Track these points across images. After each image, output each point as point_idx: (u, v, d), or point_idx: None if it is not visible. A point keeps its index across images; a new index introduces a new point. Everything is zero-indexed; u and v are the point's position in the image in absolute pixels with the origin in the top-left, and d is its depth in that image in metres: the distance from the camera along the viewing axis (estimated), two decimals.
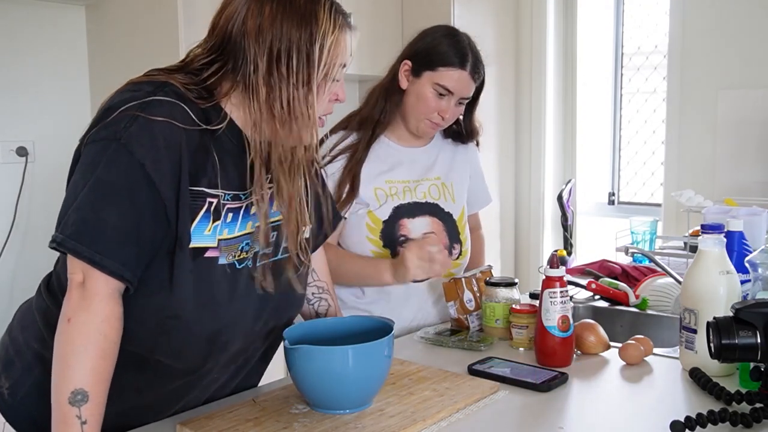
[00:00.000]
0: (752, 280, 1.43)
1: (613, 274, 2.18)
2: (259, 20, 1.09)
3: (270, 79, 1.09)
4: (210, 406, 1.28)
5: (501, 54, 3.93)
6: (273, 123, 1.11)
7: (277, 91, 1.09)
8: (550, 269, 1.45)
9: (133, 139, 1.04)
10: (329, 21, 1.11)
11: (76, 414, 1.03)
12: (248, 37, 1.09)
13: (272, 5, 1.09)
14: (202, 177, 1.10)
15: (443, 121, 1.73)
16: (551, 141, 4.06)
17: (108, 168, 1.04)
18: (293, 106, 1.10)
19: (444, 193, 1.80)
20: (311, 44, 1.09)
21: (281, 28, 1.08)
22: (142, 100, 1.07)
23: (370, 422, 1.15)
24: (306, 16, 1.10)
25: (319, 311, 1.46)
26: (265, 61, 1.09)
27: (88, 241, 1.03)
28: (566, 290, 1.44)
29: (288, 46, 1.09)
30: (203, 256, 1.12)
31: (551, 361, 1.43)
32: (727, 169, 3.40)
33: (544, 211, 4.08)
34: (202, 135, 1.11)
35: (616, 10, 4.03)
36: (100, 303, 1.04)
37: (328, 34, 1.11)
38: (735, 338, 1.16)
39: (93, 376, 1.04)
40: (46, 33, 2.81)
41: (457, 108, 1.73)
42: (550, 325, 1.43)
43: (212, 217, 1.12)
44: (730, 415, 1.10)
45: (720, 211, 2.19)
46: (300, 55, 1.09)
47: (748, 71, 3.32)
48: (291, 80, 1.09)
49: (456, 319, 1.71)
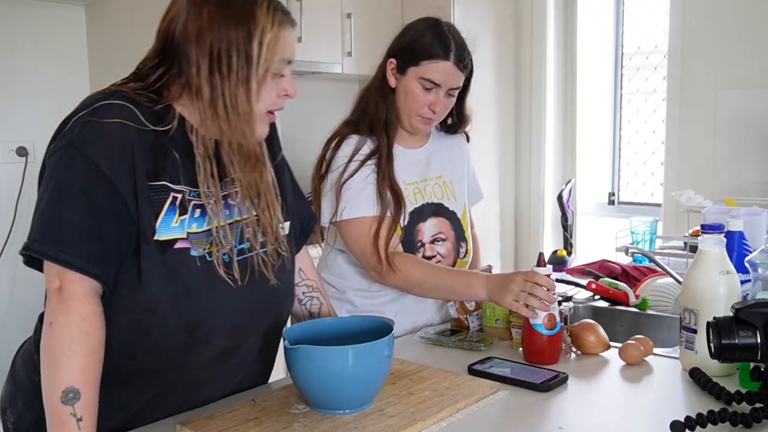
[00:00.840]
0: (752, 280, 1.43)
1: (613, 274, 2.18)
2: (199, 23, 1.13)
3: (212, 79, 1.13)
4: (210, 406, 1.28)
5: (501, 54, 3.93)
6: (218, 121, 1.15)
7: (219, 90, 1.13)
8: (537, 267, 1.46)
9: (85, 142, 1.09)
10: (267, 19, 1.14)
11: (70, 412, 1.05)
12: (189, 40, 1.13)
13: (210, 8, 1.13)
14: (163, 173, 1.14)
15: (434, 115, 1.68)
16: (551, 141, 4.06)
17: (65, 172, 1.09)
18: (236, 104, 1.14)
19: (446, 192, 1.78)
20: (249, 43, 1.13)
21: (220, 30, 1.12)
22: (92, 107, 1.12)
23: (370, 422, 1.15)
24: (243, 15, 1.13)
25: (312, 310, 1.47)
26: (206, 62, 1.13)
27: (51, 241, 1.07)
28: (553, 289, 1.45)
29: (227, 46, 1.12)
30: (173, 248, 1.15)
31: (539, 359, 1.44)
32: (727, 169, 3.40)
33: (544, 211, 4.08)
34: (156, 135, 1.15)
35: (616, 10, 4.03)
36: (77, 303, 1.08)
37: (266, 32, 1.14)
38: (735, 338, 1.16)
39: (82, 374, 1.06)
40: (46, 33, 2.81)
41: (447, 100, 1.68)
42: (537, 323, 1.44)
43: (178, 210, 1.15)
44: (730, 415, 1.10)
45: (720, 211, 2.19)
46: (239, 54, 1.13)
47: (748, 71, 3.32)
48: (231, 79, 1.13)
49: (456, 319, 1.71)
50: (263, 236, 1.26)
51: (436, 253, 1.73)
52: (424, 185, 1.74)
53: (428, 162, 1.78)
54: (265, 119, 1.21)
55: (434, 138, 1.82)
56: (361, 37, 3.31)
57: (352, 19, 3.35)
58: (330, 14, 3.30)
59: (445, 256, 1.74)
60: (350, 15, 3.35)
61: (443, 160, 1.81)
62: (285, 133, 3.69)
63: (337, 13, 3.33)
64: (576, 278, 2.15)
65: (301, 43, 3.11)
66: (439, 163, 1.80)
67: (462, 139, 1.88)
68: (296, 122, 3.58)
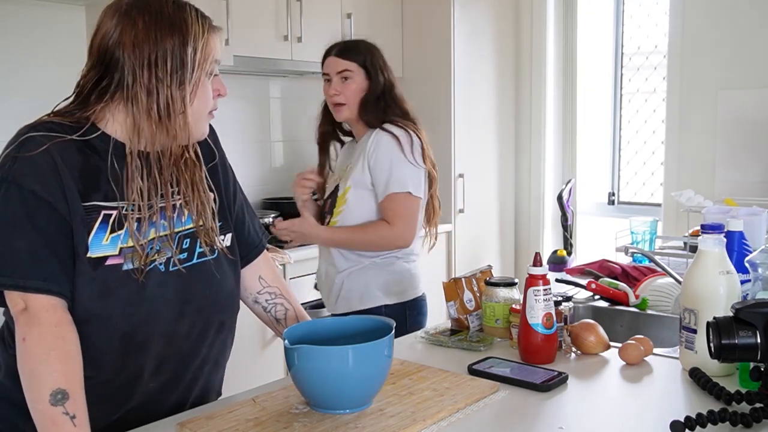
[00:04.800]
0: (752, 280, 1.43)
1: (613, 274, 2.18)
2: (134, 34, 1.19)
3: (149, 85, 1.19)
4: (210, 406, 1.28)
5: (501, 54, 3.93)
6: (151, 125, 1.20)
7: (155, 95, 1.19)
8: (533, 267, 1.46)
9: (18, 174, 1.15)
10: (198, 25, 1.22)
11: (62, 411, 1.06)
12: (125, 50, 1.19)
13: (144, 19, 1.19)
14: (94, 193, 1.19)
15: (336, 98, 2.12)
16: (551, 141, 4.06)
17: (5, 206, 1.15)
18: (171, 107, 1.20)
19: (346, 175, 2.16)
20: (184, 48, 1.20)
21: (156, 38, 1.19)
22: (18, 141, 1.18)
23: (370, 422, 1.15)
24: (176, 24, 1.20)
25: (278, 317, 1.49)
26: (143, 69, 1.19)
27: (8, 272, 1.13)
28: (549, 288, 1.46)
29: (163, 53, 1.19)
30: (104, 264, 1.19)
31: (535, 359, 1.44)
32: (727, 169, 3.40)
33: (544, 211, 4.08)
34: (85, 157, 1.20)
35: (616, 10, 4.03)
36: (46, 314, 1.12)
37: (198, 37, 1.22)
38: (735, 338, 1.16)
39: (66, 377, 1.09)
40: (46, 33, 2.81)
41: (342, 85, 2.12)
42: (535, 323, 1.44)
43: (110, 228, 1.20)
44: (730, 415, 1.10)
45: (720, 211, 2.19)
46: (174, 59, 1.20)
47: (748, 71, 3.32)
48: (167, 83, 1.19)
49: (456, 319, 1.71)
50: (203, 245, 1.30)
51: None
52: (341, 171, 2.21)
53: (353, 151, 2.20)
54: (206, 119, 1.28)
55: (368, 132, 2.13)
56: (361, 37, 3.31)
57: (352, 19, 3.35)
58: (330, 14, 3.30)
59: None
60: (350, 15, 3.35)
61: (358, 150, 2.16)
62: (285, 133, 3.70)
63: (337, 13, 3.33)
64: (576, 278, 2.15)
65: (300, 43, 3.11)
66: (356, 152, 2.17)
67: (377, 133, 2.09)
68: (296, 122, 3.58)
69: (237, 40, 2.89)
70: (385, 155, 2.06)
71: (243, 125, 3.39)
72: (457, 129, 3.64)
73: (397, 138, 2.06)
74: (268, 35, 3.06)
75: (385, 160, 2.06)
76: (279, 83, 3.54)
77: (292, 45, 3.12)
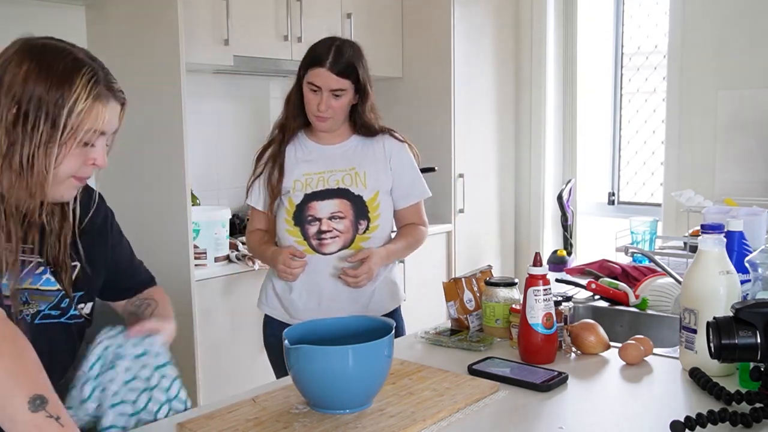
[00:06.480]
0: (752, 280, 1.43)
1: (613, 274, 2.18)
2: (14, 75, 1.14)
3: (13, 133, 1.14)
4: (210, 406, 1.28)
5: (501, 54, 3.93)
6: (10, 175, 1.16)
7: (19, 145, 1.14)
8: (533, 267, 1.47)
9: None
10: (84, 90, 1.16)
11: (45, 415, 1.02)
12: (1, 88, 1.15)
13: (31, 63, 1.15)
14: None
15: (321, 113, 1.97)
16: (551, 141, 4.06)
17: None
18: (32, 162, 1.15)
19: (356, 180, 2.03)
20: (59, 108, 1.14)
21: (33, 87, 1.14)
22: None
23: (370, 422, 1.15)
24: (61, 80, 1.15)
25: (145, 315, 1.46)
26: (11, 115, 1.14)
27: None
28: (549, 288, 1.46)
29: (37, 105, 1.14)
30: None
31: (535, 358, 1.45)
32: (727, 169, 3.40)
33: (544, 211, 4.08)
34: None
35: (616, 10, 4.03)
36: None
37: (79, 102, 1.16)
38: (735, 338, 1.16)
39: (36, 383, 1.04)
40: (46, 33, 2.81)
41: (333, 101, 1.96)
42: (535, 323, 1.44)
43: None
44: (730, 415, 1.10)
45: (720, 211, 2.19)
46: (47, 115, 1.14)
47: (748, 71, 3.32)
48: (34, 138, 1.14)
49: (456, 319, 1.71)
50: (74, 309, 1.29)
51: (332, 228, 1.99)
52: (330, 174, 2.03)
53: (342, 156, 2.06)
54: (70, 183, 1.22)
55: (355, 138, 2.08)
56: (361, 37, 3.30)
57: (352, 19, 3.34)
58: (330, 14, 3.30)
59: (343, 231, 1.99)
60: (350, 15, 3.34)
61: (359, 156, 2.06)
62: None
63: (337, 13, 3.33)
64: (576, 278, 2.15)
65: (300, 43, 3.11)
66: (355, 157, 2.06)
67: (388, 140, 2.07)
68: None
69: (237, 40, 2.89)
70: (408, 162, 2.09)
71: (243, 125, 3.39)
72: (457, 129, 3.64)
73: (410, 145, 2.11)
74: (268, 35, 3.06)
75: (408, 166, 2.09)
76: (279, 83, 3.53)
77: (292, 45, 3.12)
